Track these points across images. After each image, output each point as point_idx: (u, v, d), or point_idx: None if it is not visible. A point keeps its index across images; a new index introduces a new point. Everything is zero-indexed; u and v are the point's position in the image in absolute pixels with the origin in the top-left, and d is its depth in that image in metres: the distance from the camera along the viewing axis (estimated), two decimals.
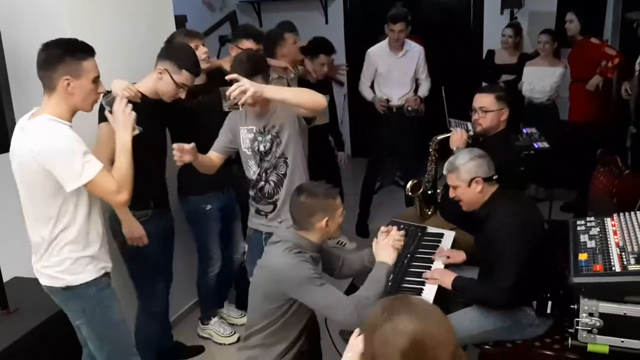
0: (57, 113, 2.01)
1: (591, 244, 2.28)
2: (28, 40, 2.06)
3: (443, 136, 3.11)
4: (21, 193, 2.10)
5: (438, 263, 2.65)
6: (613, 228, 2.34)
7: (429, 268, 2.59)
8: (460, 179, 2.37)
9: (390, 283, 2.41)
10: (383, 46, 4.39)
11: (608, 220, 2.41)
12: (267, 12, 6.25)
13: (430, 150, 3.22)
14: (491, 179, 2.38)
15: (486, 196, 2.38)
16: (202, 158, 2.56)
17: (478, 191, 2.36)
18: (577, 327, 2.11)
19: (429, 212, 3.28)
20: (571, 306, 2.14)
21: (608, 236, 2.30)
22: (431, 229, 2.97)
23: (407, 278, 2.53)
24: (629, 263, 2.09)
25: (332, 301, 1.98)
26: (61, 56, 1.98)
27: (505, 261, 2.23)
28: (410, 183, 3.24)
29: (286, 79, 3.51)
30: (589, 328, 2.09)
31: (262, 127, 2.56)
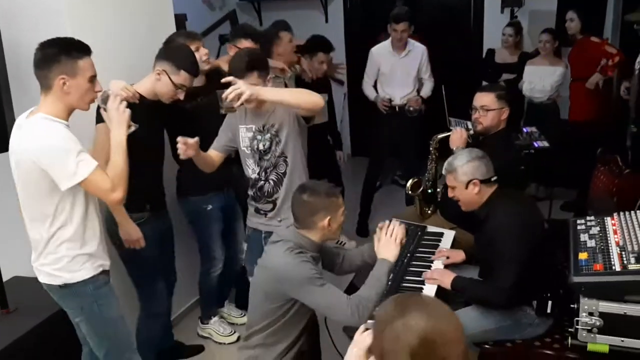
0: (53, 112, 2.01)
1: (591, 243, 2.28)
2: (28, 39, 2.06)
3: (443, 135, 3.10)
4: (19, 191, 2.11)
5: (438, 263, 2.65)
6: (613, 227, 2.34)
7: (429, 267, 2.59)
8: (458, 180, 2.37)
9: (390, 282, 2.41)
10: (386, 45, 4.38)
11: (608, 219, 2.41)
12: (267, 11, 6.23)
13: (430, 149, 3.22)
14: (489, 181, 2.37)
15: (484, 197, 2.38)
16: (204, 155, 2.58)
17: (475, 193, 2.36)
18: (577, 327, 2.11)
19: (429, 211, 3.27)
20: (571, 305, 2.14)
21: (608, 235, 2.29)
22: (431, 228, 2.97)
23: (407, 277, 2.53)
24: (629, 262, 2.08)
25: (333, 301, 1.98)
26: (57, 55, 1.98)
27: (505, 261, 2.23)
28: (410, 182, 3.23)
29: (283, 79, 3.50)
30: (589, 327, 2.09)
31: (262, 126, 2.56)
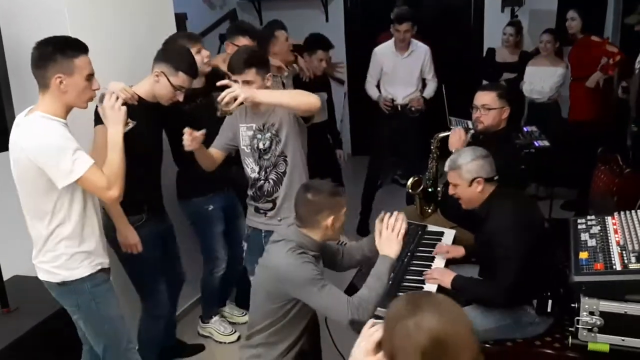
0: (51, 110, 2.02)
1: (592, 243, 2.27)
2: (29, 38, 2.06)
3: (445, 134, 3.10)
4: (18, 189, 2.11)
5: (438, 261, 2.65)
6: (614, 227, 2.34)
7: (430, 266, 2.59)
8: (461, 178, 2.37)
9: (390, 282, 2.41)
10: (389, 45, 4.37)
11: (609, 218, 2.41)
12: (268, 10, 6.23)
13: (431, 147, 3.22)
14: (492, 180, 2.37)
15: (485, 195, 2.38)
16: (205, 151, 2.60)
17: (479, 191, 2.35)
18: (578, 326, 2.11)
19: (429, 211, 3.27)
20: (572, 305, 2.14)
21: (609, 235, 2.29)
22: (431, 228, 2.97)
23: (407, 277, 2.53)
24: (630, 262, 2.08)
25: (333, 303, 1.98)
26: (52, 54, 1.99)
27: (505, 260, 2.23)
28: (410, 180, 3.23)
29: (280, 78, 3.50)
30: (590, 327, 2.09)
31: (262, 125, 2.56)
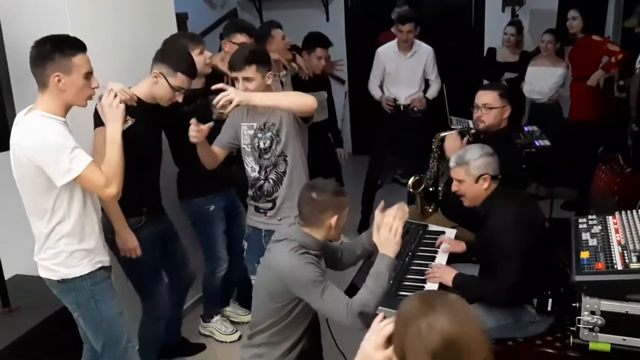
0: (50, 109, 2.02)
1: (593, 242, 2.28)
2: (29, 37, 2.05)
3: (446, 133, 3.11)
4: (19, 188, 2.12)
5: (440, 257, 2.66)
6: (615, 226, 2.34)
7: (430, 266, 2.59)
8: (468, 174, 2.36)
9: (391, 281, 2.41)
10: (392, 46, 4.38)
11: (610, 218, 2.41)
12: (268, 10, 6.23)
13: (433, 147, 3.22)
14: (497, 178, 2.38)
15: (488, 193, 2.38)
16: (208, 147, 2.59)
17: (484, 188, 2.36)
18: (579, 325, 2.11)
19: (430, 210, 3.27)
20: (573, 304, 2.14)
21: (610, 234, 2.29)
22: (432, 227, 2.97)
23: (408, 276, 2.52)
24: (631, 261, 2.08)
25: (333, 305, 1.98)
26: (50, 53, 1.99)
27: (506, 259, 2.23)
28: (411, 180, 3.23)
29: (279, 77, 3.49)
30: (591, 326, 2.09)
31: (263, 124, 2.56)
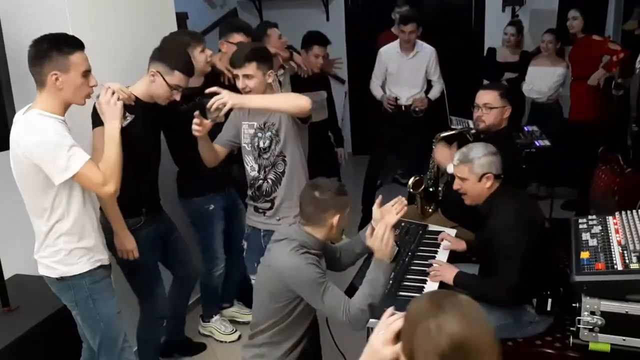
0: (48, 107, 2.03)
1: (593, 242, 2.28)
2: (30, 37, 2.05)
3: (446, 133, 3.11)
4: (19, 186, 2.12)
5: (441, 255, 2.66)
6: (615, 226, 2.34)
7: (431, 266, 2.59)
8: (472, 172, 2.36)
9: (391, 281, 2.41)
10: (394, 46, 4.38)
11: (610, 218, 2.41)
12: (268, 10, 6.23)
13: (433, 147, 3.21)
14: (499, 177, 2.38)
15: (490, 192, 2.38)
16: (210, 143, 2.59)
17: (487, 187, 2.36)
18: (579, 326, 2.11)
19: (430, 210, 3.27)
20: (573, 304, 2.14)
21: (610, 234, 2.29)
22: (432, 227, 2.97)
23: (408, 276, 2.52)
24: (631, 261, 2.08)
25: (333, 304, 1.99)
26: (48, 51, 1.99)
27: (507, 258, 2.23)
28: (412, 180, 3.23)
29: (277, 76, 3.47)
30: (591, 326, 2.09)
31: (263, 124, 2.57)
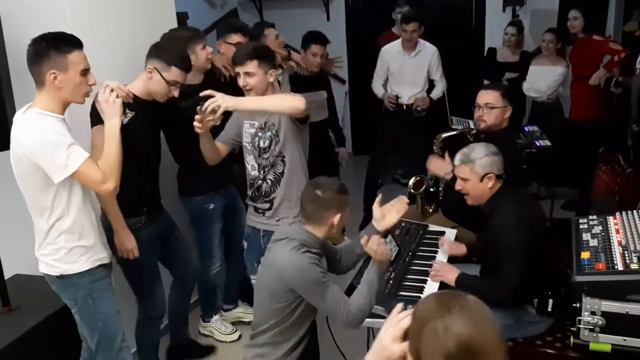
0: (48, 107, 2.03)
1: (593, 243, 2.28)
2: (30, 36, 2.05)
3: (447, 134, 3.11)
4: (19, 185, 2.12)
5: (441, 256, 2.66)
6: (615, 227, 2.34)
7: (431, 266, 2.59)
8: (473, 172, 2.36)
9: (391, 281, 2.41)
10: (396, 45, 4.38)
11: (610, 218, 2.41)
12: (269, 10, 6.23)
13: (434, 147, 3.22)
14: (501, 177, 2.38)
15: (492, 192, 2.38)
16: (212, 140, 2.58)
17: (489, 187, 2.36)
18: (579, 326, 2.11)
19: (431, 210, 3.27)
20: (573, 304, 2.14)
21: (610, 235, 2.29)
22: (433, 227, 2.97)
23: (409, 276, 2.52)
24: (632, 262, 2.08)
25: (333, 303, 1.99)
26: (46, 51, 1.99)
27: (508, 259, 2.23)
28: (412, 180, 3.23)
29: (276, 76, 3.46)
30: (591, 327, 2.09)
31: (263, 123, 2.57)
